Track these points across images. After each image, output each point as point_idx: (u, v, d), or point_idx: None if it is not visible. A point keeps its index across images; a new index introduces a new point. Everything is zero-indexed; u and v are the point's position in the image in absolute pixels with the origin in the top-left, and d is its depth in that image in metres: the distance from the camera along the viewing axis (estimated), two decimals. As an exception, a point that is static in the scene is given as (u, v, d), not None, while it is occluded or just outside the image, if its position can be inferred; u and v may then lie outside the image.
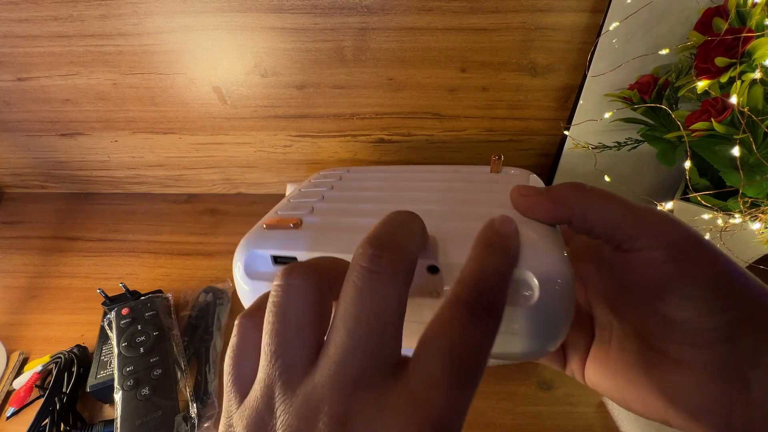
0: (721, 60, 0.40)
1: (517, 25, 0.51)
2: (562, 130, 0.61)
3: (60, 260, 0.65)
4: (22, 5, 0.51)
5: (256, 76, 0.57)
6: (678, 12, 0.47)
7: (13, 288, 0.61)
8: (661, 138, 0.49)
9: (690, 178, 0.47)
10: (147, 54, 0.56)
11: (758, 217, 0.44)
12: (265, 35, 0.53)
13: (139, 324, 0.48)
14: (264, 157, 0.68)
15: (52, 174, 0.73)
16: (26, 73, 0.59)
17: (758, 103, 0.40)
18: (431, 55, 0.54)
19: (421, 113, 0.61)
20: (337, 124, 0.63)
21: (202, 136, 0.66)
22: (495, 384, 0.48)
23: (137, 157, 0.69)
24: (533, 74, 0.56)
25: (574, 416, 0.46)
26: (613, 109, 0.52)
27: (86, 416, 0.46)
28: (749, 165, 0.43)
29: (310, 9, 0.50)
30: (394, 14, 0.51)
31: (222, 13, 0.51)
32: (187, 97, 0.60)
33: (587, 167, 0.57)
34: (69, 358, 0.49)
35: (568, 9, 0.49)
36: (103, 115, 0.63)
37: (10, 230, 0.70)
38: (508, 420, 0.46)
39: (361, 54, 0.54)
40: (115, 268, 0.64)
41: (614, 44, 0.49)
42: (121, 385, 0.43)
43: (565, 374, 0.25)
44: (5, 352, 0.52)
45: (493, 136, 0.63)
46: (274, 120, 0.63)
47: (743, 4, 0.40)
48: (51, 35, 0.54)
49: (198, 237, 0.68)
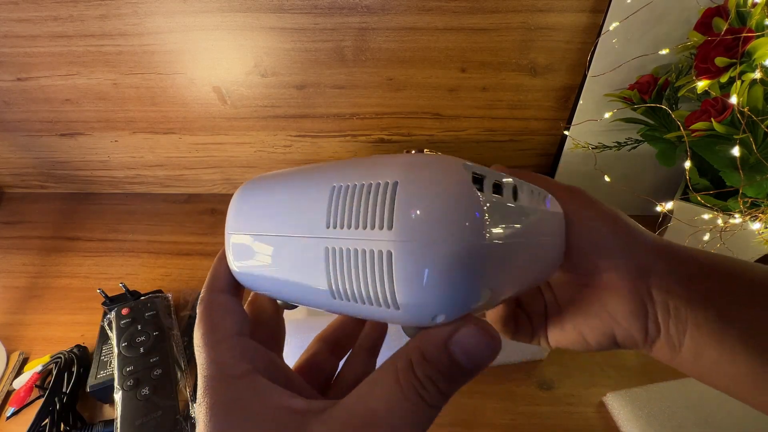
0: (721, 60, 0.40)
1: (517, 25, 0.51)
2: (562, 130, 0.61)
3: (60, 260, 0.65)
4: (22, 5, 0.51)
5: (256, 76, 0.57)
6: (678, 12, 0.47)
7: (13, 288, 0.61)
8: (661, 138, 0.49)
9: (690, 178, 0.47)
10: (147, 54, 0.56)
11: (758, 217, 0.44)
12: (265, 35, 0.53)
13: (139, 324, 0.48)
14: (264, 157, 0.68)
15: (52, 174, 0.73)
16: (26, 73, 0.59)
17: (758, 103, 0.40)
18: (431, 55, 0.54)
19: (421, 113, 0.61)
20: (337, 124, 0.63)
21: (202, 136, 0.66)
22: (495, 384, 0.48)
23: (137, 157, 0.69)
24: (533, 74, 0.56)
25: (574, 416, 0.46)
26: (613, 109, 0.52)
27: (86, 416, 0.46)
28: (749, 165, 0.43)
29: (310, 9, 0.50)
30: (394, 14, 0.51)
31: (222, 13, 0.51)
32: (187, 97, 0.60)
33: (587, 167, 0.57)
34: (69, 358, 0.49)
35: (568, 9, 0.49)
36: (103, 115, 0.63)
37: (10, 230, 0.70)
38: (508, 420, 0.46)
39: (361, 54, 0.54)
40: (115, 268, 0.64)
41: (614, 44, 0.49)
42: (121, 385, 0.43)
43: (565, 374, 0.25)
44: (5, 352, 0.52)
45: (493, 136, 0.63)
46: (274, 120, 0.63)
47: (743, 4, 0.40)
48: (51, 35, 0.54)
49: (198, 237, 0.68)
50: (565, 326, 0.25)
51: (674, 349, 0.22)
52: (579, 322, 0.24)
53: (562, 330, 0.25)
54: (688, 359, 0.21)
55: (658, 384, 0.47)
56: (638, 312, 0.22)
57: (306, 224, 0.19)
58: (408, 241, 0.15)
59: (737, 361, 0.20)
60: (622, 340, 0.23)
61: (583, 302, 0.23)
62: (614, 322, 0.22)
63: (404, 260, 0.15)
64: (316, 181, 0.19)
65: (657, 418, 0.44)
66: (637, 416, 0.44)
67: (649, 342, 0.22)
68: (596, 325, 0.23)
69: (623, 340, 0.23)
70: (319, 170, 0.20)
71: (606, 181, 0.54)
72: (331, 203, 0.18)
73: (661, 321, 0.22)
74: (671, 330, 0.21)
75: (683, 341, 0.21)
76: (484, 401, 0.47)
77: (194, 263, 0.64)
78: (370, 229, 0.16)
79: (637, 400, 0.45)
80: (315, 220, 0.18)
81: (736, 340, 0.20)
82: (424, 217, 0.15)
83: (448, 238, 0.15)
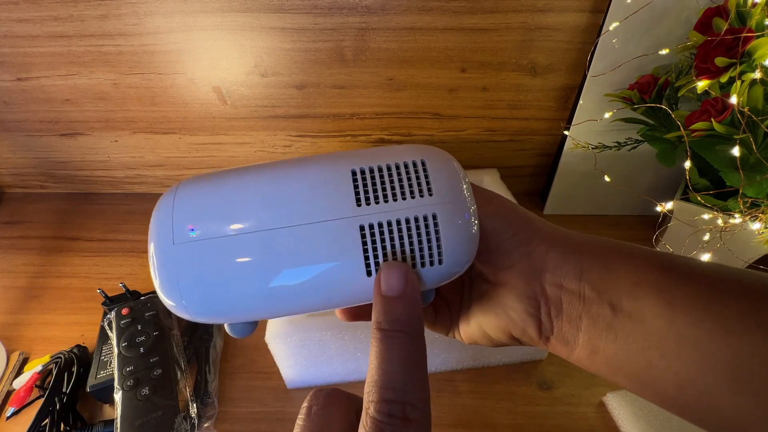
0: (721, 60, 0.40)
1: (517, 25, 0.51)
2: (562, 130, 0.61)
3: (60, 260, 0.65)
4: (22, 5, 0.51)
5: (256, 76, 0.57)
6: (678, 12, 0.47)
7: (13, 288, 0.61)
8: (661, 138, 0.49)
9: (690, 178, 0.47)
10: (147, 54, 0.56)
11: (758, 217, 0.44)
12: (265, 35, 0.53)
13: (139, 324, 0.48)
14: (264, 157, 0.68)
15: (52, 174, 0.73)
16: (26, 73, 0.59)
17: (758, 103, 0.40)
18: (431, 55, 0.54)
19: (421, 113, 0.61)
20: (337, 124, 0.63)
21: (202, 136, 0.66)
22: (495, 384, 0.48)
23: (137, 157, 0.69)
24: (533, 74, 0.56)
25: (574, 416, 0.46)
26: (613, 109, 0.52)
27: (86, 416, 0.46)
28: (749, 165, 0.43)
29: (310, 9, 0.50)
30: (394, 14, 0.51)
31: (222, 13, 0.51)
32: (187, 97, 0.60)
33: (587, 167, 0.57)
34: (69, 358, 0.49)
35: (568, 9, 0.49)
36: (103, 115, 0.63)
37: (10, 230, 0.70)
38: (508, 420, 0.46)
39: (361, 54, 0.54)
40: (115, 268, 0.64)
41: (614, 44, 0.49)
42: (121, 385, 0.43)
43: (565, 374, 0.26)
44: (5, 352, 0.52)
45: (493, 136, 0.63)
46: (274, 120, 0.63)
47: (743, 4, 0.40)
48: (51, 35, 0.54)
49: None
50: (470, 321, 0.25)
51: (569, 346, 0.22)
52: (480, 319, 0.24)
53: (468, 325, 0.25)
54: (583, 356, 0.22)
55: (658, 384, 0.47)
56: (531, 310, 0.22)
57: (325, 208, 0.19)
58: (448, 203, 0.19)
59: (632, 356, 0.20)
60: (519, 336, 0.23)
61: (484, 299, 0.24)
62: (510, 320, 0.23)
63: (447, 219, 0.19)
64: (321, 168, 0.20)
65: (657, 418, 0.44)
66: (637, 416, 0.44)
67: (543, 338, 0.22)
68: (494, 321, 0.24)
69: (520, 336, 0.23)
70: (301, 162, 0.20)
71: (606, 181, 0.54)
72: (358, 183, 0.19)
73: (554, 317, 0.22)
74: (564, 327, 0.22)
75: (578, 338, 0.21)
76: (484, 401, 0.47)
77: (194, 263, 0.64)
78: (411, 199, 0.19)
79: (637, 400, 0.45)
80: (339, 202, 0.19)
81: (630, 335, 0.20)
82: (453, 184, 0.19)
83: (469, 199, 0.20)
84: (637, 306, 0.20)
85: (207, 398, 0.46)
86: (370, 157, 0.20)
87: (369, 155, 0.20)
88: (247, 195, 0.19)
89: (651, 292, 0.19)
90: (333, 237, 0.18)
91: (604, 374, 0.22)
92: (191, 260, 0.18)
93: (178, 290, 0.18)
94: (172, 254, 0.18)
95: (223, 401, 0.48)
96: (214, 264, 0.18)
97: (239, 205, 0.18)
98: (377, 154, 0.20)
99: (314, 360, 0.45)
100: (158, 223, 0.18)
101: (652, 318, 0.19)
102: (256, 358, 0.51)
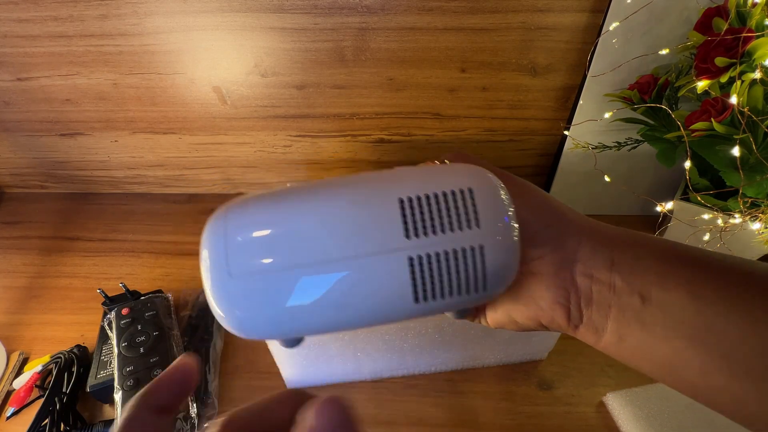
0: (721, 60, 0.40)
1: (517, 25, 0.51)
2: (562, 130, 0.61)
3: (60, 260, 0.65)
4: (22, 5, 0.51)
5: (256, 76, 0.57)
6: (678, 12, 0.47)
7: (13, 288, 0.61)
8: (661, 138, 0.49)
9: (690, 178, 0.47)
10: (147, 54, 0.56)
11: (758, 217, 0.44)
12: (265, 35, 0.53)
13: (139, 324, 0.48)
14: (264, 157, 0.68)
15: (52, 174, 0.73)
16: (26, 73, 0.59)
17: (758, 103, 0.40)
18: (431, 55, 0.54)
19: (421, 113, 0.61)
20: (337, 124, 0.63)
21: (202, 136, 0.66)
22: (495, 384, 0.48)
23: (137, 157, 0.69)
24: (533, 74, 0.56)
25: (574, 416, 0.46)
26: (613, 109, 0.52)
27: (86, 416, 0.46)
28: (749, 165, 0.43)
29: (310, 9, 0.50)
30: (394, 14, 0.51)
31: (222, 13, 0.51)
32: (187, 97, 0.60)
33: (587, 167, 0.57)
34: (69, 358, 0.49)
35: (568, 9, 0.49)
36: (103, 115, 0.63)
37: (10, 230, 0.70)
38: (508, 420, 0.46)
39: (361, 54, 0.54)
40: (115, 268, 0.64)
41: (614, 44, 0.49)
42: (121, 385, 0.43)
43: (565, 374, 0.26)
44: (5, 352, 0.52)
45: (493, 136, 0.63)
46: (274, 120, 0.63)
47: (743, 4, 0.40)
48: (51, 35, 0.54)
49: (198, 237, 0.67)
50: (498, 309, 0.26)
51: (597, 333, 0.23)
52: (509, 306, 0.25)
53: (495, 312, 0.26)
54: (611, 342, 0.22)
55: (658, 384, 0.47)
56: (561, 300, 0.23)
57: (374, 240, 0.19)
58: (494, 235, 0.20)
59: (659, 344, 0.21)
60: (548, 324, 0.24)
61: (513, 288, 0.24)
62: (539, 309, 0.23)
63: (494, 250, 0.20)
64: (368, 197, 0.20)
65: (657, 418, 0.44)
66: (637, 416, 0.44)
67: (572, 326, 0.23)
68: (523, 310, 0.24)
69: (548, 324, 0.24)
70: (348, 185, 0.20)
71: (606, 181, 0.54)
72: (406, 214, 0.19)
73: (584, 307, 0.22)
74: (593, 315, 0.22)
75: (606, 326, 0.22)
76: (484, 401, 0.47)
77: (194, 263, 0.63)
78: (459, 231, 0.19)
79: (637, 400, 0.45)
80: (388, 234, 0.19)
81: (658, 324, 0.21)
82: (500, 215, 0.20)
83: (513, 231, 0.20)
84: (666, 296, 0.20)
85: (207, 398, 0.46)
86: (418, 182, 0.20)
87: (415, 179, 0.20)
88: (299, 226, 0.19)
89: (680, 283, 0.20)
90: (385, 270, 0.19)
91: (630, 361, 0.23)
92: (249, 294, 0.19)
93: (237, 320, 0.19)
94: (229, 287, 0.19)
95: (223, 401, 0.48)
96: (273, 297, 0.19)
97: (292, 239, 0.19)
98: (424, 179, 0.20)
99: (314, 360, 0.45)
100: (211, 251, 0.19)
101: (681, 308, 0.20)
102: (256, 358, 0.51)
